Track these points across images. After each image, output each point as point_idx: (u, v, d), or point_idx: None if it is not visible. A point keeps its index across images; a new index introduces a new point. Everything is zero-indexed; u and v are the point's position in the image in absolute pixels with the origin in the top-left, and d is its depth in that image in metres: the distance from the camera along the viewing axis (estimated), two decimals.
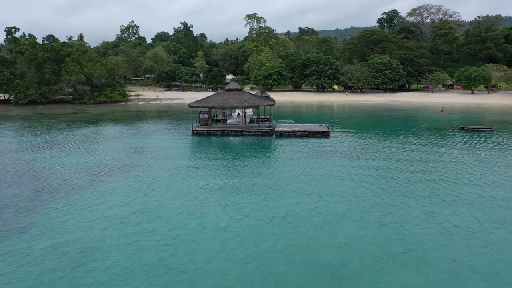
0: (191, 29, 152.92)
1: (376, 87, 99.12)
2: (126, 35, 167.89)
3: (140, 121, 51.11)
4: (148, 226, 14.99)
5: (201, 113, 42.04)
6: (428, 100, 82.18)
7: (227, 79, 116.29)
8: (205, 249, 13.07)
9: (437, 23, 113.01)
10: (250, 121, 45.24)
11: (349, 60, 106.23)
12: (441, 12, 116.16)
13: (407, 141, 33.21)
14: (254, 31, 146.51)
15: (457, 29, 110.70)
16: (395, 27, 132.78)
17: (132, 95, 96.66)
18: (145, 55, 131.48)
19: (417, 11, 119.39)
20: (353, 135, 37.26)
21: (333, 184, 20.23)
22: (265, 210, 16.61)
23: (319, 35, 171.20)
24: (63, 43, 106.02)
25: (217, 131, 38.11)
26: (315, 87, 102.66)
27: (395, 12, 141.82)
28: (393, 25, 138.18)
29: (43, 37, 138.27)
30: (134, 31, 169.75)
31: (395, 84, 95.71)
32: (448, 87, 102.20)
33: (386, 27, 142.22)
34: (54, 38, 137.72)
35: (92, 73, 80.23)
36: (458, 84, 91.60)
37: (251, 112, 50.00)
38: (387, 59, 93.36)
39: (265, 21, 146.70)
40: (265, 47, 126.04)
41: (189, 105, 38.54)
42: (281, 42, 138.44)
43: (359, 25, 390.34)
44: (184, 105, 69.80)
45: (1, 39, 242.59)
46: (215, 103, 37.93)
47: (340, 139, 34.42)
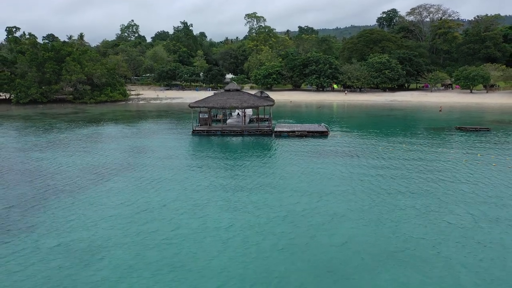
0: (191, 28, 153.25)
1: (375, 87, 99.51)
2: (126, 34, 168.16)
3: (141, 121, 51.54)
4: (151, 225, 15.46)
5: (201, 113, 42.49)
6: (427, 99, 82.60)
7: (227, 78, 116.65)
8: (207, 248, 13.54)
9: (437, 22, 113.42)
10: (249, 121, 45.69)
11: (348, 59, 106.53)
12: (440, 11, 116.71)
13: (405, 141, 33.67)
14: (254, 30, 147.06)
15: (456, 29, 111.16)
16: (394, 26, 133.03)
17: (132, 94, 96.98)
18: (145, 54, 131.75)
19: (417, 11, 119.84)
20: (351, 135, 37.71)
21: (332, 183, 20.69)
22: (266, 209, 17.09)
23: (318, 34, 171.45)
24: (64, 42, 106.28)
25: (217, 131, 38.56)
26: (314, 86, 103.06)
27: (394, 11, 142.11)
28: (393, 24, 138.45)
29: (43, 36, 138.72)
30: (134, 30, 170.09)
31: (394, 83, 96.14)
32: (447, 87, 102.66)
33: (385, 26, 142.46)
34: (54, 37, 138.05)
35: (92, 72, 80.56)
36: (457, 83, 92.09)
37: (251, 112, 50.39)
38: (386, 59, 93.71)
39: (264, 20, 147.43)
40: (265, 46, 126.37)
41: (189, 105, 38.98)
42: (281, 41, 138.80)
43: (359, 24, 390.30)
44: (184, 105, 70.24)
45: (1, 38, 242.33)
46: (215, 104, 38.37)
47: (338, 139, 34.87)
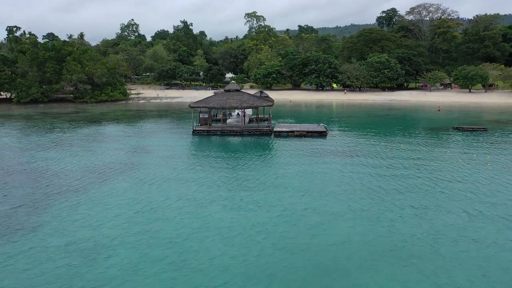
0: (190, 27, 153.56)
1: (374, 86, 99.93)
2: (126, 33, 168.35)
3: (141, 121, 51.97)
4: (155, 225, 15.92)
5: (201, 113, 42.95)
6: (425, 99, 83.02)
7: (226, 78, 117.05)
8: (209, 247, 14.00)
9: (436, 21, 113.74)
10: (249, 121, 46.14)
11: (348, 58, 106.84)
12: (440, 10, 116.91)
13: (403, 141, 34.12)
14: (253, 30, 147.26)
15: (455, 28, 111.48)
16: (394, 26, 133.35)
17: (132, 93, 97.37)
18: (145, 53, 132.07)
19: (416, 10, 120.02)
20: (350, 135, 38.15)
21: (331, 183, 21.17)
22: (267, 208, 17.58)
23: (318, 32, 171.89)
24: (64, 42, 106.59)
25: (217, 131, 39.01)
26: (314, 85, 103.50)
27: (394, 10, 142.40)
28: (392, 23, 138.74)
29: (43, 35, 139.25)
30: (134, 29, 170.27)
31: (393, 82, 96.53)
32: (446, 86, 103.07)
33: (385, 25, 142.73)
34: (54, 36, 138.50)
35: (93, 72, 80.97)
36: (455, 83, 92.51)
37: (250, 111, 50.81)
38: (385, 58, 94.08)
39: (264, 19, 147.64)
40: (265, 45, 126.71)
41: (189, 105, 39.42)
42: (281, 40, 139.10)
43: (359, 22, 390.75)
44: (184, 104, 70.70)
45: (0, 37, 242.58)
46: (215, 104, 38.81)
47: (337, 139, 35.32)
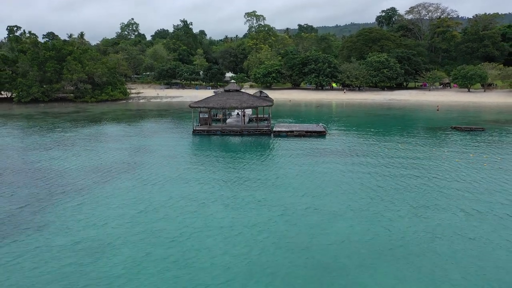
0: (190, 26, 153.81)
1: (374, 85, 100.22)
2: (126, 33, 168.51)
3: (142, 120, 52.29)
4: (158, 224, 16.27)
5: (201, 113, 43.26)
6: (425, 98, 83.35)
7: (226, 77, 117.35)
8: (211, 246, 14.35)
9: (435, 21, 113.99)
10: (249, 121, 46.47)
11: (347, 58, 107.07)
12: (439, 10, 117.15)
13: (402, 141, 34.46)
14: (253, 29, 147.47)
15: (455, 27, 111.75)
16: (393, 25, 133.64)
17: (132, 93, 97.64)
18: (145, 52, 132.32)
19: (416, 9, 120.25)
20: (349, 134, 38.48)
21: (331, 182, 21.52)
22: (267, 208, 17.93)
23: (318, 31, 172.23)
24: (64, 41, 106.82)
25: (217, 131, 39.34)
26: (313, 85, 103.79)
27: (393, 10, 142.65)
28: (392, 22, 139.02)
29: (43, 35, 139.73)
30: (134, 28, 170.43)
31: (392, 82, 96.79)
32: (445, 85, 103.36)
33: (384, 24, 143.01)
34: (54, 35, 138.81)
35: (93, 71, 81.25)
36: (454, 82, 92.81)
37: (250, 111, 51.11)
38: (385, 58, 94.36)
39: (264, 19, 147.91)
40: (265, 45, 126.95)
41: (190, 105, 39.74)
42: (280, 39, 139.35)
43: (358, 21, 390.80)
44: (184, 104, 71.02)
45: (1, 36, 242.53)
46: (215, 104, 39.12)
47: (336, 139, 35.66)
